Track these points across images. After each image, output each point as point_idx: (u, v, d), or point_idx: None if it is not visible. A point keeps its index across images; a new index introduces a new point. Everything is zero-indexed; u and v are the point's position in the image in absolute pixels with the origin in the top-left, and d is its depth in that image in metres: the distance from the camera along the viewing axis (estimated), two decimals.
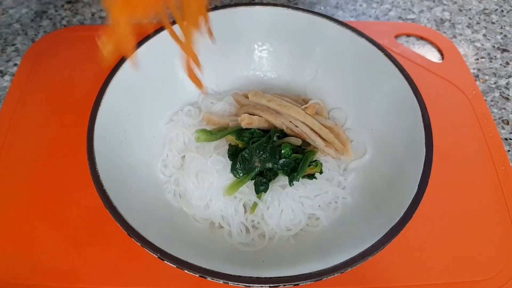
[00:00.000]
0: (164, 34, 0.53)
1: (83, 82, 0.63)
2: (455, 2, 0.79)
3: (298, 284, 0.36)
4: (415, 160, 0.43)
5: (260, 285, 0.36)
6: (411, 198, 0.40)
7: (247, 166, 0.48)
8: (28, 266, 0.47)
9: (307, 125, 0.52)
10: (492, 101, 0.65)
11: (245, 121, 0.51)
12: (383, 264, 0.48)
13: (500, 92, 0.66)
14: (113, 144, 0.46)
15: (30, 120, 0.60)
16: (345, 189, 0.50)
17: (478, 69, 0.69)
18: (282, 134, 0.53)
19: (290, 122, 0.52)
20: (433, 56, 0.70)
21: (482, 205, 0.53)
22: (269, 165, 0.49)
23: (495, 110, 0.64)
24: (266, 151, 0.49)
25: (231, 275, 0.36)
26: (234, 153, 0.50)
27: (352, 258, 0.37)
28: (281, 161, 0.49)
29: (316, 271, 0.36)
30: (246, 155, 0.49)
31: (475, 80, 0.67)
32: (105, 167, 0.42)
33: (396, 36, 0.72)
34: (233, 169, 0.49)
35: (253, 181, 0.49)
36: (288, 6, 0.56)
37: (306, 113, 0.52)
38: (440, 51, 0.71)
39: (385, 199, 0.45)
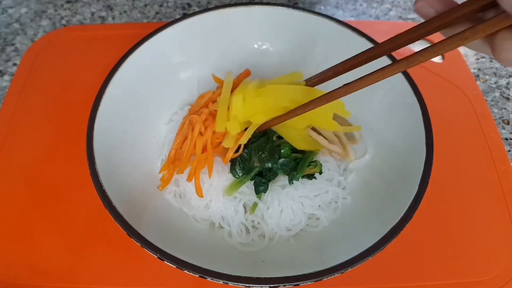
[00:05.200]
0: (164, 34, 0.53)
1: (83, 82, 0.63)
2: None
3: (298, 284, 0.36)
4: (416, 160, 0.43)
5: (260, 285, 0.36)
6: (411, 198, 0.40)
7: (246, 166, 0.48)
8: (28, 266, 0.47)
9: None
10: (492, 101, 0.65)
11: None
12: (383, 264, 0.48)
13: (501, 92, 0.66)
14: (112, 144, 0.46)
15: (30, 120, 0.60)
16: (345, 189, 0.50)
17: (479, 69, 0.69)
18: None
19: None
20: None
21: (482, 205, 0.53)
22: (269, 165, 0.48)
23: (496, 110, 0.63)
24: (265, 151, 0.49)
25: (231, 275, 0.36)
26: None
27: (352, 258, 0.37)
28: (280, 161, 0.49)
29: (316, 271, 0.36)
30: (245, 155, 0.49)
31: (476, 80, 0.66)
32: (105, 167, 0.42)
33: None
34: (233, 169, 0.49)
35: (252, 182, 0.49)
36: (288, 6, 0.56)
37: None
38: None
39: (385, 199, 0.45)
